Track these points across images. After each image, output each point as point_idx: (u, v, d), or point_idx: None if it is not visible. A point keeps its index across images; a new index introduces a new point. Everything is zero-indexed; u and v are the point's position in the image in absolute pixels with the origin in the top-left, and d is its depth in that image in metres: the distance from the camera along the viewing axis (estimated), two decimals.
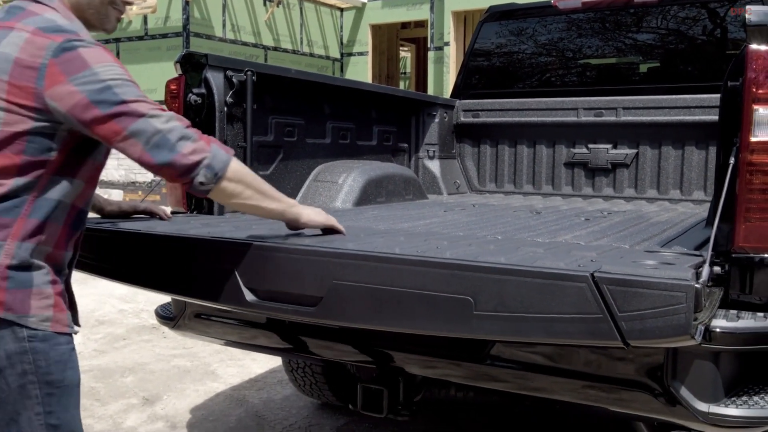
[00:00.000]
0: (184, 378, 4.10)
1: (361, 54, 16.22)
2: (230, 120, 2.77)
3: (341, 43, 16.46)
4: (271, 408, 3.69)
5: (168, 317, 2.62)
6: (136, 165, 2.36)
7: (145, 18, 13.71)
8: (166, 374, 4.17)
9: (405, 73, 20.40)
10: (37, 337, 1.57)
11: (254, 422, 3.51)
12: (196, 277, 1.85)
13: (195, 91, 2.63)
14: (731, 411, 1.70)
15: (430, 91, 14.91)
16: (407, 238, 1.90)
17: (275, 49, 14.98)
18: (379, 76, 16.63)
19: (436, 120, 4.24)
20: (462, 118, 4.38)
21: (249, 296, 1.76)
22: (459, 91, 4.53)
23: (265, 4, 14.62)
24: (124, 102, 1.52)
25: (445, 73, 14.43)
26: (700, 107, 3.74)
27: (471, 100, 4.40)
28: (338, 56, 16.44)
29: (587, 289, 1.36)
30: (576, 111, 4.11)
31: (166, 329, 5.08)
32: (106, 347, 4.66)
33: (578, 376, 1.85)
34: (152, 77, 13.57)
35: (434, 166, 4.25)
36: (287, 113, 3.19)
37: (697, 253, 1.71)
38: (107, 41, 14.28)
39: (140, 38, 13.88)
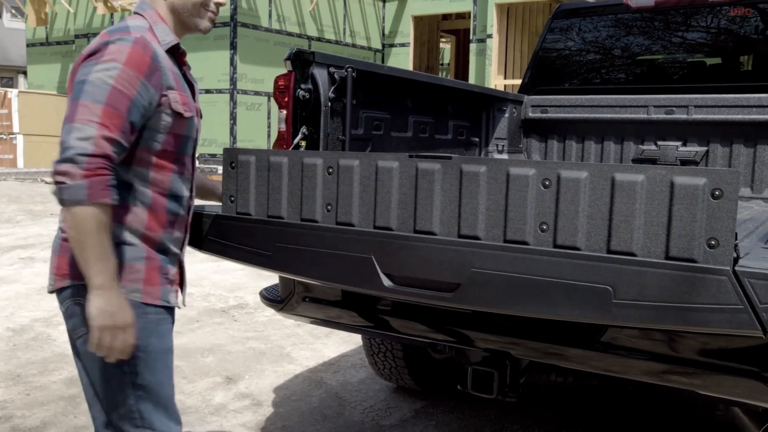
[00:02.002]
0: (261, 359, 4.28)
1: (402, 45, 16.31)
2: (331, 114, 2.91)
3: (383, 34, 16.56)
4: (349, 390, 3.85)
5: (275, 300, 2.77)
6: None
7: None
8: (243, 355, 4.35)
9: (443, 64, 20.46)
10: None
11: (336, 403, 3.68)
12: (332, 263, 2.00)
13: (303, 86, 2.77)
14: None
15: (472, 82, 14.96)
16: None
17: (319, 39, 15.13)
18: (419, 67, 16.72)
19: (506, 115, 4.34)
20: (530, 114, 4.47)
21: (386, 282, 1.90)
22: (527, 87, 4.63)
23: None
24: (76, 101, 1.67)
25: (487, 66, 14.47)
26: None
27: (539, 96, 4.49)
28: (380, 47, 16.55)
29: (728, 281, 1.47)
30: (646, 108, 4.17)
31: (235, 313, 5.29)
32: (181, 328, 4.86)
33: (691, 363, 1.96)
34: (200, 67, 13.82)
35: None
36: (376, 108, 3.32)
37: None
38: None
39: None
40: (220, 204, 2.37)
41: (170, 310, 1.92)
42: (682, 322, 1.55)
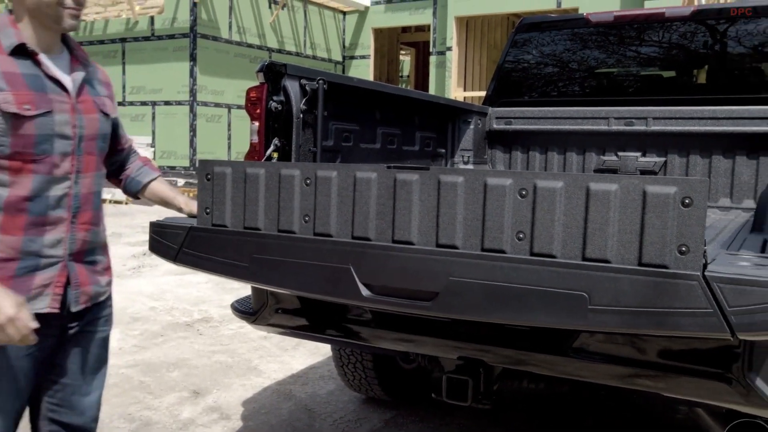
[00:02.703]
0: (228, 373, 4.24)
1: (362, 57, 16.39)
2: (303, 126, 2.93)
3: (344, 46, 16.62)
4: (318, 402, 3.84)
5: (247, 312, 2.76)
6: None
7: (151, 19, 13.78)
8: (209, 369, 4.30)
9: (403, 76, 20.62)
10: None
11: (305, 415, 3.66)
12: (310, 274, 2.00)
13: (275, 98, 2.78)
14: None
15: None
16: None
17: (279, 51, 15.11)
18: (379, 79, 16.82)
19: (471, 127, 4.41)
20: (495, 125, 4.55)
21: (365, 292, 1.92)
22: (491, 99, 4.71)
23: (270, 7, 14.75)
24: None
25: (447, 78, 14.62)
26: (728, 118, 3.93)
27: (503, 108, 4.57)
28: (340, 59, 16.60)
29: (698, 286, 1.53)
30: (607, 120, 4.29)
31: (200, 327, 5.23)
32: (145, 343, 4.79)
33: (659, 367, 2.02)
34: (158, 78, 13.67)
35: None
36: (345, 119, 3.34)
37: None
38: (113, 41, 14.36)
39: (147, 39, 13.95)
40: (181, 214, 2.35)
41: (43, 315, 1.85)
42: (655, 326, 1.60)
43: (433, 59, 15.27)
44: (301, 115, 2.87)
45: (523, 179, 1.74)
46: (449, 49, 14.49)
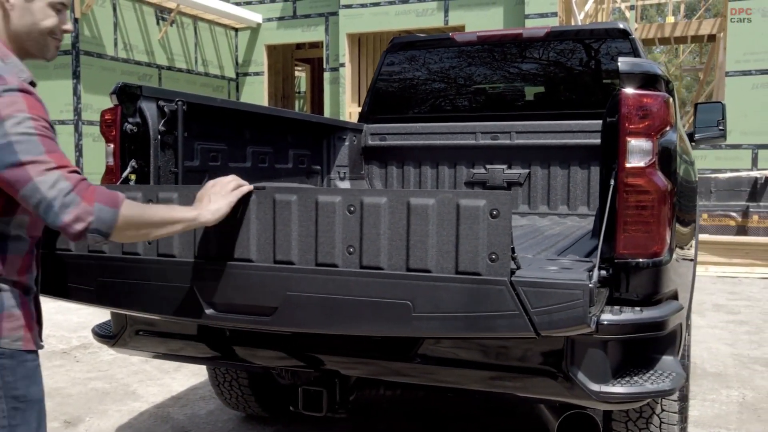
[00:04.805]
0: (104, 399, 4.14)
1: (256, 74, 16.31)
2: (162, 147, 2.93)
3: (236, 63, 16.49)
4: (197, 423, 3.82)
5: (107, 335, 2.73)
6: None
7: None
8: (84, 397, 4.18)
9: (299, 92, 20.65)
10: (5, 354, 1.69)
11: None
12: (155, 295, 2.03)
13: (131, 120, 2.78)
14: (618, 389, 2.06)
15: (327, 110, 15.23)
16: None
17: (169, 68, 14.81)
18: (275, 96, 16.78)
19: (346, 143, 4.51)
20: (370, 142, 4.68)
21: (208, 310, 1.96)
22: (366, 116, 4.84)
23: (158, 23, 14.46)
24: (20, 164, 1.58)
25: (341, 94, 14.77)
26: (582, 131, 4.22)
27: (378, 125, 4.71)
28: (233, 76, 16.45)
29: (506, 291, 1.67)
30: (474, 135, 4.50)
31: (78, 354, 5.07)
32: None
33: (492, 368, 2.16)
34: (41, 97, 13.08)
35: (345, 186, 4.52)
36: (211, 139, 3.37)
37: (588, 259, 2.07)
38: None
39: None
40: None
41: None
42: (472, 329, 1.73)
43: (327, 75, 15.39)
44: (159, 136, 2.87)
45: (351, 196, 1.84)
46: (342, 65, 14.65)
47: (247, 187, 1.97)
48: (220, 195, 1.89)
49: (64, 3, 1.82)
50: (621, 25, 4.40)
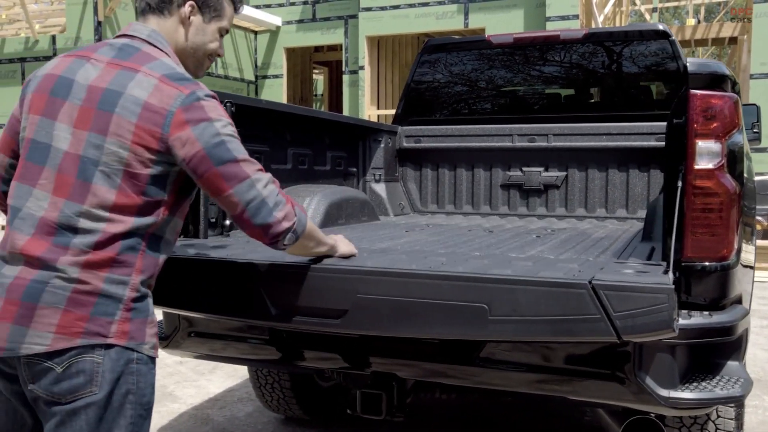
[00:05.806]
0: None
1: (275, 77, 16.35)
2: None
3: (256, 65, 16.54)
4: (237, 425, 3.81)
5: (160, 336, 2.73)
6: None
7: (53, 38, 13.34)
8: None
9: (317, 95, 20.68)
10: (143, 360, 1.68)
11: None
12: (227, 296, 2.02)
13: None
14: (687, 395, 2.02)
15: (346, 113, 15.22)
16: (408, 256, 2.14)
17: None
18: (293, 98, 16.80)
19: (382, 145, 4.50)
20: (404, 144, 4.67)
21: (275, 312, 1.95)
22: (401, 118, 4.83)
23: None
24: (235, 160, 1.66)
25: (360, 96, 14.77)
26: (622, 134, 4.19)
27: (412, 127, 4.70)
28: (253, 78, 16.50)
29: (586, 294, 1.65)
30: (511, 137, 4.47)
31: None
32: None
33: (556, 371, 2.14)
34: None
35: (380, 188, 4.51)
36: (255, 141, 3.36)
37: (659, 263, 2.04)
38: (11, 61, 13.80)
39: (48, 58, 13.45)
40: None
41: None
42: (550, 333, 1.71)
43: (346, 78, 15.40)
44: None
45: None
46: (362, 68, 14.65)
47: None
48: (350, 245, 2.08)
49: (228, 30, 1.91)
50: (661, 27, 4.36)
